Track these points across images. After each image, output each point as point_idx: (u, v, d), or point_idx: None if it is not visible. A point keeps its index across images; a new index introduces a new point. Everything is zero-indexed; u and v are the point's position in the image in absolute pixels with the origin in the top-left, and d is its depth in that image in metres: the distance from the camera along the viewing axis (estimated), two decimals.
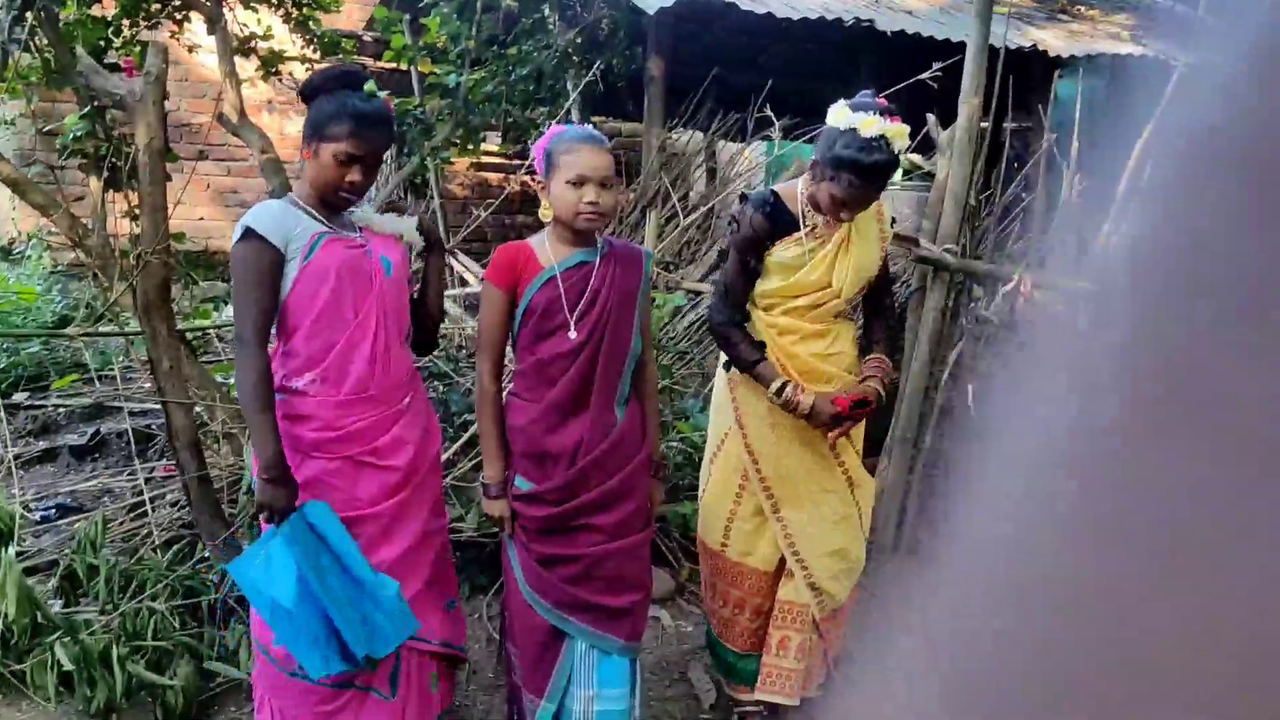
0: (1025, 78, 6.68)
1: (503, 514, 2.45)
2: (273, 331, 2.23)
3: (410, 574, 2.31)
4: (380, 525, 2.28)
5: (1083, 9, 8.29)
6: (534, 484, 2.42)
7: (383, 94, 2.47)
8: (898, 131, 2.42)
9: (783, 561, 2.77)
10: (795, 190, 2.64)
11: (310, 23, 5.25)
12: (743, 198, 2.78)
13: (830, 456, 2.71)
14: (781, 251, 2.61)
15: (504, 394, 2.55)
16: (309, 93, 2.25)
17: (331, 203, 2.24)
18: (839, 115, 2.48)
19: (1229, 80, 0.30)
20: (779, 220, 2.61)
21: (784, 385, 2.59)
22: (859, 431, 2.76)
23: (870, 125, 2.40)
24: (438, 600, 2.40)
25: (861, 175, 2.42)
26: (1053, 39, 6.73)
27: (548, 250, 2.40)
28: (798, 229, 2.60)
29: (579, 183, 2.28)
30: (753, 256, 2.63)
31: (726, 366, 2.78)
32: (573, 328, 2.36)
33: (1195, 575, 0.29)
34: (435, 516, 2.43)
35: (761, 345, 2.66)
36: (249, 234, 2.15)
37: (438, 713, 2.48)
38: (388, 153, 2.41)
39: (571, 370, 2.37)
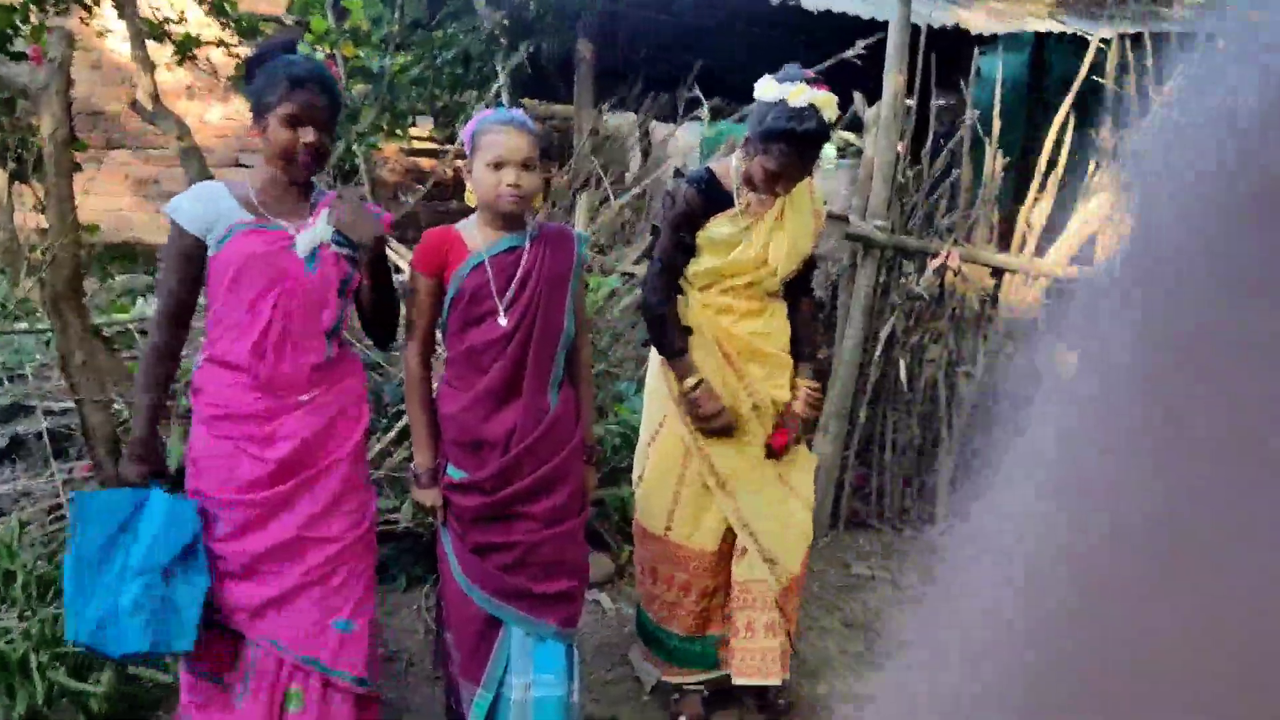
0: (952, 55, 6.77)
1: (434, 503, 2.43)
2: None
3: (274, 574, 2.23)
4: (250, 515, 2.22)
5: None
6: (467, 472, 2.40)
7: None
8: (825, 100, 2.44)
9: (726, 541, 2.78)
10: (729, 168, 2.65)
11: (226, 5, 5.10)
12: (677, 174, 2.79)
13: (761, 430, 2.73)
14: (715, 228, 2.60)
15: (434, 381, 2.52)
16: (249, 72, 2.22)
17: (294, 176, 2.21)
18: (766, 89, 2.49)
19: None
20: (713, 196, 2.61)
21: (698, 384, 2.63)
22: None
23: (798, 94, 2.43)
24: (323, 615, 2.26)
25: (793, 144, 2.43)
26: (974, 17, 6.82)
27: (476, 235, 2.38)
28: (731, 205, 2.60)
29: (498, 165, 2.27)
30: (687, 232, 2.62)
31: (650, 345, 2.78)
32: (502, 314, 2.34)
33: (1196, 575, 0.29)
34: (327, 522, 2.27)
35: (688, 332, 2.65)
36: (172, 220, 2.18)
37: None
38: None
39: (503, 357, 2.35)
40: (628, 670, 3.17)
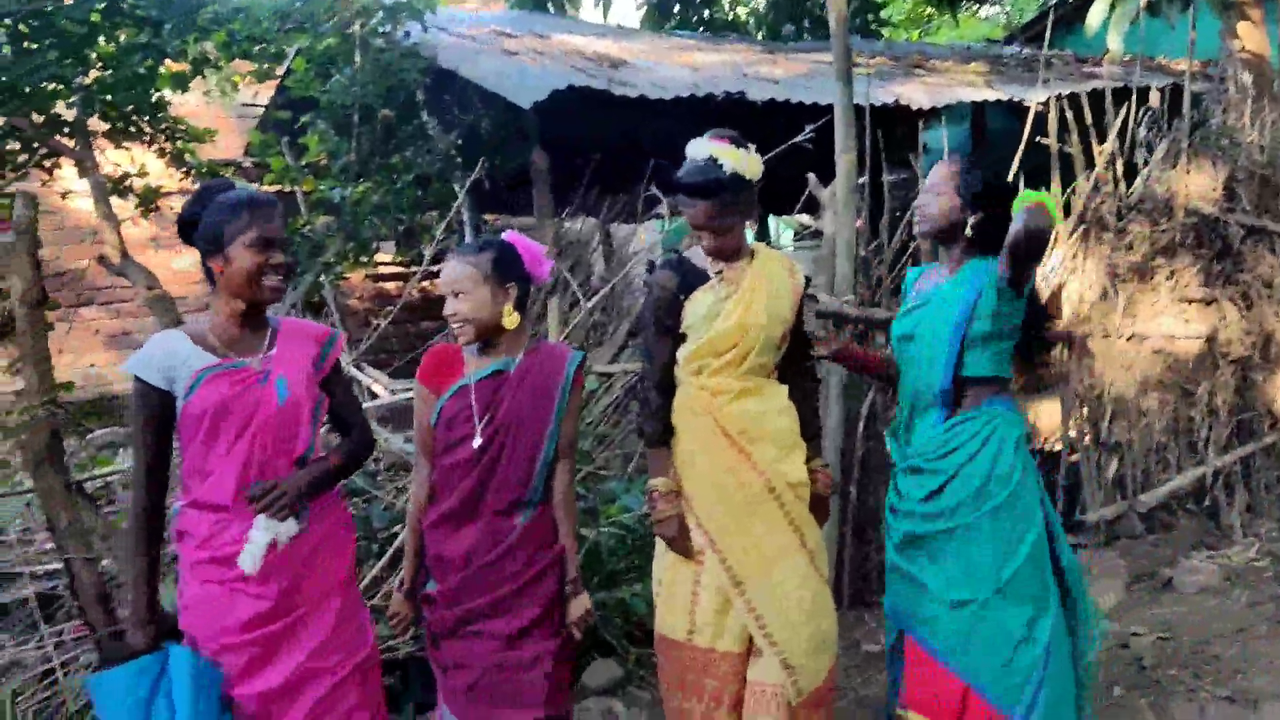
0: (894, 132, 6.98)
1: (397, 610, 2.51)
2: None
3: (282, 713, 2.18)
4: (250, 656, 2.17)
5: (936, 63, 8.72)
6: (437, 583, 2.45)
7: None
8: (726, 152, 2.57)
9: (753, 640, 2.63)
10: (697, 249, 2.72)
11: (186, 154, 5.21)
12: (650, 268, 2.83)
13: (780, 515, 2.61)
14: (698, 303, 2.61)
15: None
16: (187, 220, 2.24)
17: (264, 299, 2.23)
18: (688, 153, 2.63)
19: None
20: (686, 273, 2.65)
21: (660, 488, 2.61)
22: (805, 489, 2.67)
23: (698, 149, 2.60)
24: None
25: (692, 193, 2.56)
26: (913, 92, 7.05)
27: (472, 358, 2.45)
28: (707, 279, 2.64)
29: (445, 296, 2.41)
30: (668, 317, 2.63)
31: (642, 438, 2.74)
32: (478, 434, 2.38)
33: None
34: (326, 654, 2.22)
35: (671, 432, 2.65)
36: (135, 377, 2.18)
37: None
38: None
39: (469, 477, 2.39)
40: None
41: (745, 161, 2.59)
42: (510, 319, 2.41)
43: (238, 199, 2.19)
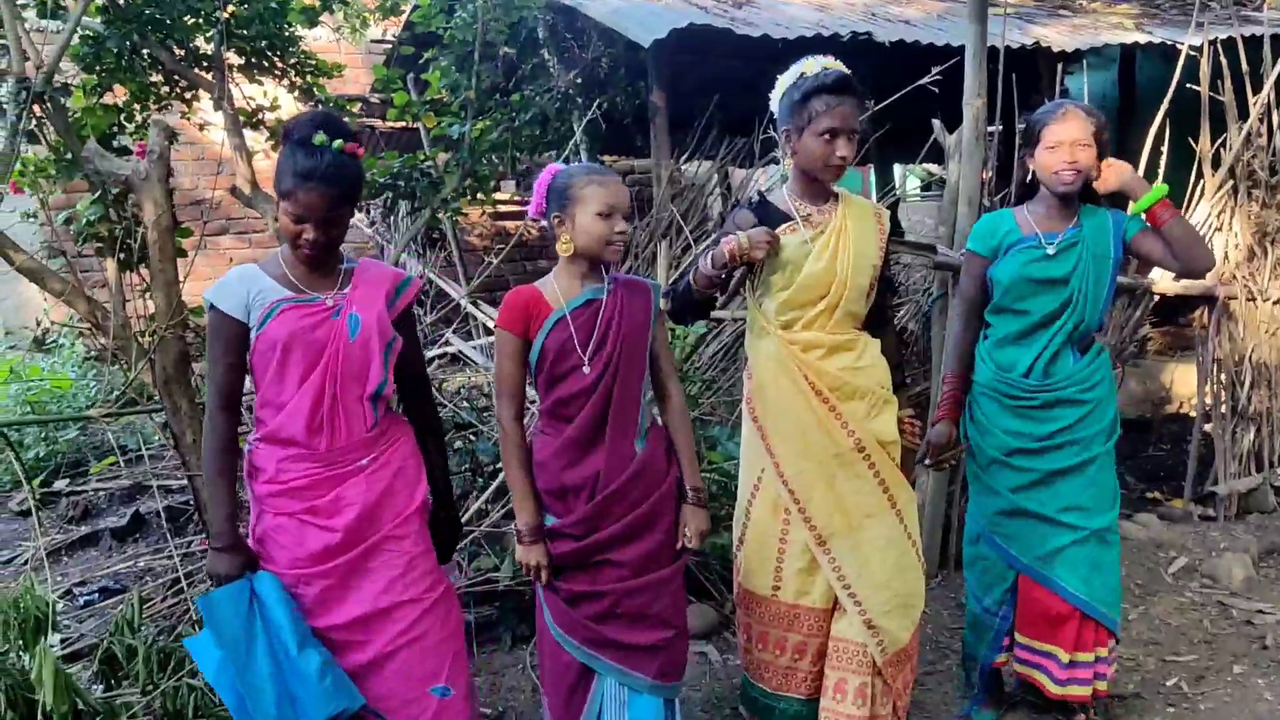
0: (1034, 76, 6.63)
1: (536, 560, 2.42)
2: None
3: (365, 642, 2.24)
4: (326, 587, 2.22)
5: (1083, 3, 8.22)
6: (557, 518, 2.43)
7: (337, 142, 2.20)
8: (839, 66, 2.53)
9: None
10: (780, 193, 2.63)
11: (315, 90, 5.31)
12: (733, 207, 2.76)
13: (869, 475, 2.56)
14: (782, 245, 2.54)
15: (530, 434, 2.54)
16: (281, 141, 2.25)
17: (302, 261, 2.24)
18: (785, 79, 2.58)
19: None
20: (767, 215, 2.58)
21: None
22: (897, 448, 2.64)
23: (810, 66, 2.53)
24: (420, 679, 2.26)
25: (833, 91, 2.45)
26: (1055, 34, 6.67)
27: (556, 290, 2.43)
28: (788, 221, 2.56)
29: (608, 214, 2.35)
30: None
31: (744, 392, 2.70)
32: (586, 364, 2.37)
33: None
34: (408, 586, 2.27)
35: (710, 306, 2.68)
36: (211, 306, 2.22)
37: None
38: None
39: (588, 405, 2.38)
40: None
41: (843, 69, 2.52)
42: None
43: (289, 162, 2.17)
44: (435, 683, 2.28)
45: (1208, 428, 4.91)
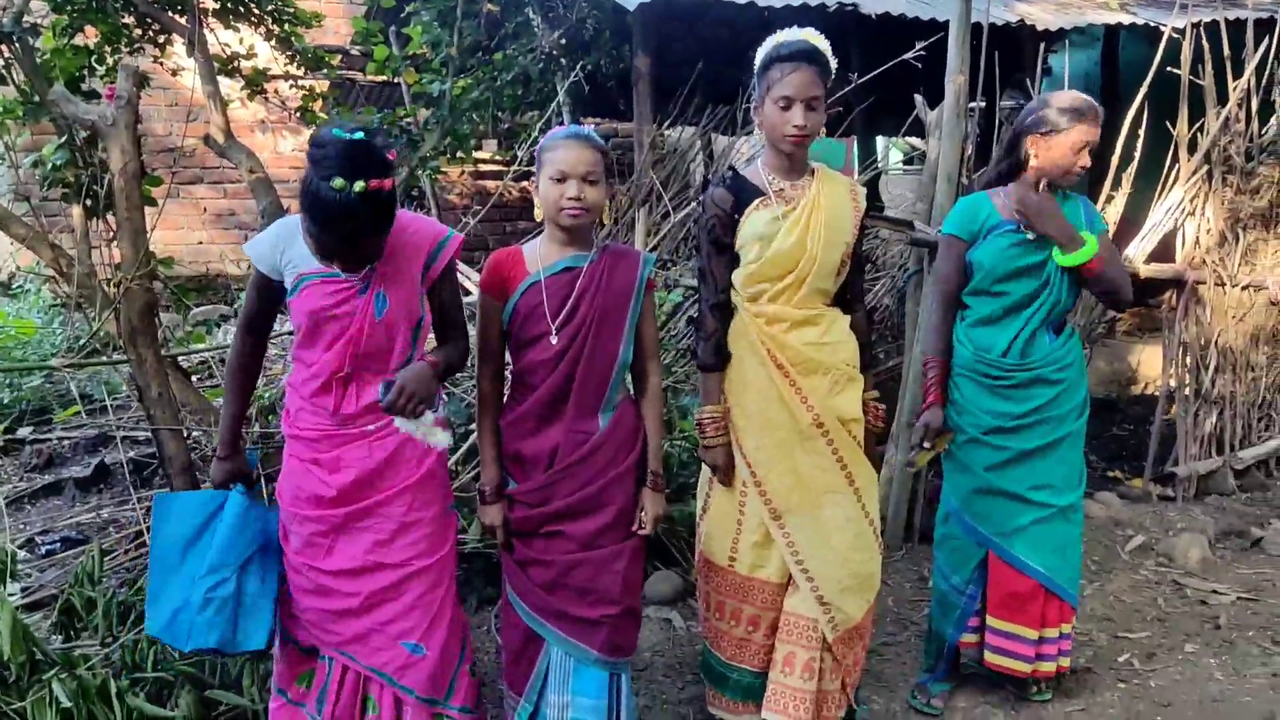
0: (1017, 54, 6.61)
1: (492, 521, 2.46)
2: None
3: (345, 594, 2.30)
4: (315, 532, 2.30)
5: None
6: (516, 483, 2.45)
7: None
8: (815, 37, 2.49)
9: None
10: (755, 167, 2.60)
11: (292, 39, 5.21)
12: (705, 184, 2.74)
13: (827, 452, 2.57)
14: (753, 220, 2.52)
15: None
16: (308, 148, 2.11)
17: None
18: (760, 50, 2.53)
19: None
20: (741, 190, 2.55)
21: (710, 415, 2.60)
22: (859, 426, 2.64)
23: (789, 33, 2.50)
24: (394, 634, 2.30)
25: (798, 58, 2.42)
26: (1040, 12, 6.64)
27: (538, 255, 2.41)
28: (761, 195, 2.54)
29: (561, 179, 2.30)
30: (724, 232, 2.55)
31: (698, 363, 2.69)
32: (554, 334, 2.35)
33: None
34: (391, 549, 2.29)
35: (726, 358, 2.61)
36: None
37: None
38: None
39: (550, 377, 2.37)
40: (699, 689, 3.13)
41: (830, 56, 2.49)
42: (606, 214, 2.40)
43: (312, 193, 1.99)
44: (408, 639, 2.31)
45: (1172, 410, 4.98)
